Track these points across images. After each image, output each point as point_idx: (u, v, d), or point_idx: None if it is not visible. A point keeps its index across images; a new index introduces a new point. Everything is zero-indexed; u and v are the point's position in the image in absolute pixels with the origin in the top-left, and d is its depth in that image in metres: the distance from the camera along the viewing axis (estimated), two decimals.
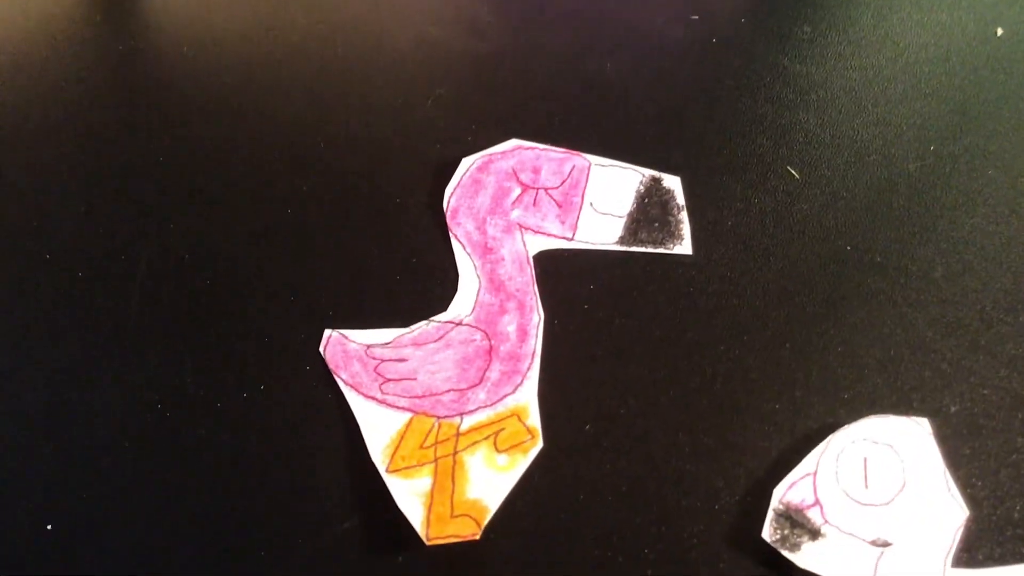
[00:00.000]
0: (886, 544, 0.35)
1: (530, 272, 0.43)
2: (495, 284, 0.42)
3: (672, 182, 0.46)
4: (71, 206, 0.45)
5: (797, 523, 0.35)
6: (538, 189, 0.45)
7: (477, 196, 0.45)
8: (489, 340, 0.40)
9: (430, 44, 0.53)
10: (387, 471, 0.36)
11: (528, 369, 0.40)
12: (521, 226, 0.44)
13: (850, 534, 0.35)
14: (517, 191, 0.45)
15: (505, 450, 0.37)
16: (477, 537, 0.35)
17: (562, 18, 0.55)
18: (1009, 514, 0.36)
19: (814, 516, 0.35)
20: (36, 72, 0.51)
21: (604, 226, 0.44)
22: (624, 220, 0.44)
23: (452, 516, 0.35)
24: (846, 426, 0.38)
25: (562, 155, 0.46)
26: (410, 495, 0.36)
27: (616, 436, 0.38)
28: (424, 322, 0.41)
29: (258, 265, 0.43)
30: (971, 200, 0.46)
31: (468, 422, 0.38)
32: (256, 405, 0.39)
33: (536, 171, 0.46)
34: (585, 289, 0.43)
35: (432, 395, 0.39)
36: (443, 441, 0.37)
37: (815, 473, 0.36)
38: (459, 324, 0.41)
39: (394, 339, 0.41)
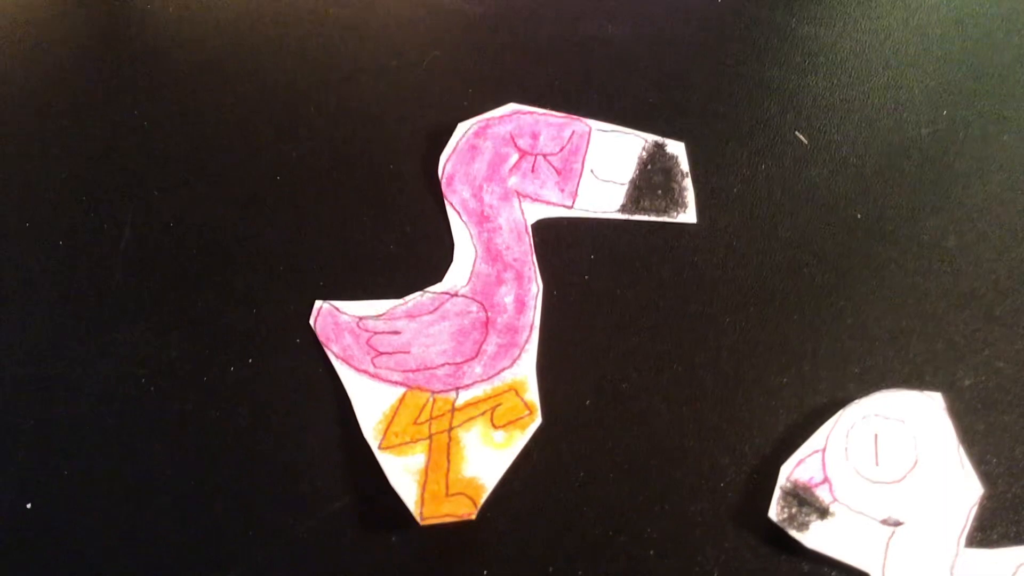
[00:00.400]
0: (897, 523, 0.34)
1: (528, 241, 0.42)
2: (492, 254, 0.41)
3: (676, 148, 0.45)
4: (53, 173, 0.44)
5: (805, 501, 0.35)
6: (537, 155, 0.44)
7: (473, 163, 0.44)
8: (486, 312, 0.39)
9: (425, 6, 0.52)
10: (380, 448, 0.36)
11: (526, 342, 0.39)
12: (519, 194, 0.43)
13: (860, 513, 0.34)
14: (515, 157, 0.44)
15: (502, 426, 0.36)
16: (473, 517, 0.34)
17: None
18: None
19: (823, 494, 0.35)
20: (19, 34, 0.50)
21: (605, 194, 0.43)
22: (626, 187, 0.43)
23: (447, 495, 0.34)
24: (856, 401, 0.37)
25: (562, 120, 0.45)
26: (404, 473, 0.35)
27: (617, 411, 0.37)
28: (418, 293, 0.40)
29: (246, 234, 0.42)
30: (985, 167, 0.45)
31: (464, 397, 0.37)
32: (244, 379, 0.38)
33: (535, 136, 0.44)
34: (585, 259, 0.42)
35: (426, 369, 0.38)
36: (438, 417, 0.37)
37: (824, 450, 0.36)
38: (455, 295, 0.40)
39: (387, 311, 0.40)
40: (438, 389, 0.37)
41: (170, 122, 0.46)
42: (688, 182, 0.44)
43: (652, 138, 0.45)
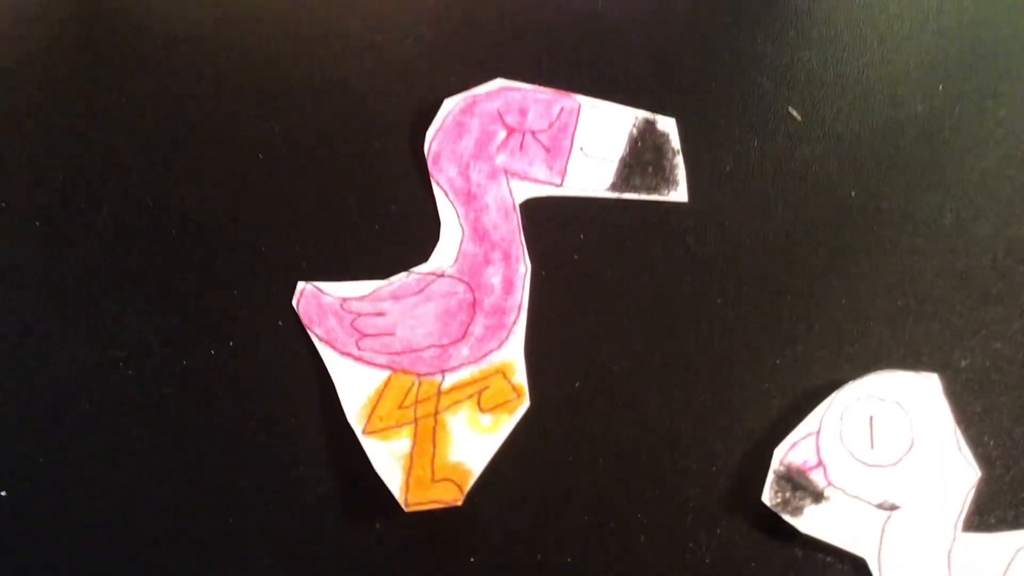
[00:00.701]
0: (893, 507, 0.34)
1: (516, 220, 0.41)
2: (479, 233, 0.41)
3: (667, 124, 0.44)
4: (28, 151, 0.44)
5: (799, 485, 0.35)
6: (525, 132, 0.44)
7: (460, 140, 0.43)
8: (472, 292, 0.39)
9: None
10: (364, 433, 0.36)
11: (514, 323, 0.39)
12: (507, 172, 0.43)
13: (855, 497, 0.35)
14: (503, 134, 0.44)
15: (489, 410, 0.37)
16: (459, 503, 0.34)
17: None
18: (1023, 475, 0.36)
19: (817, 478, 0.35)
20: None
21: (595, 171, 0.43)
22: (616, 165, 0.43)
23: (433, 481, 0.35)
24: (851, 382, 0.37)
25: (550, 96, 0.45)
26: (388, 458, 0.35)
27: (607, 395, 0.38)
28: (404, 273, 0.40)
29: (227, 213, 0.42)
30: (981, 143, 0.45)
31: (450, 380, 0.37)
32: (225, 363, 0.38)
33: (523, 113, 0.44)
34: (574, 238, 0.41)
35: (412, 351, 0.38)
36: (423, 400, 0.37)
37: (818, 432, 0.36)
38: (441, 276, 0.40)
39: (372, 292, 0.40)
40: (424, 372, 0.37)
41: (149, 98, 0.46)
42: (679, 159, 0.43)
43: (643, 115, 0.44)
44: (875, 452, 0.35)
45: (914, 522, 0.34)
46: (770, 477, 0.35)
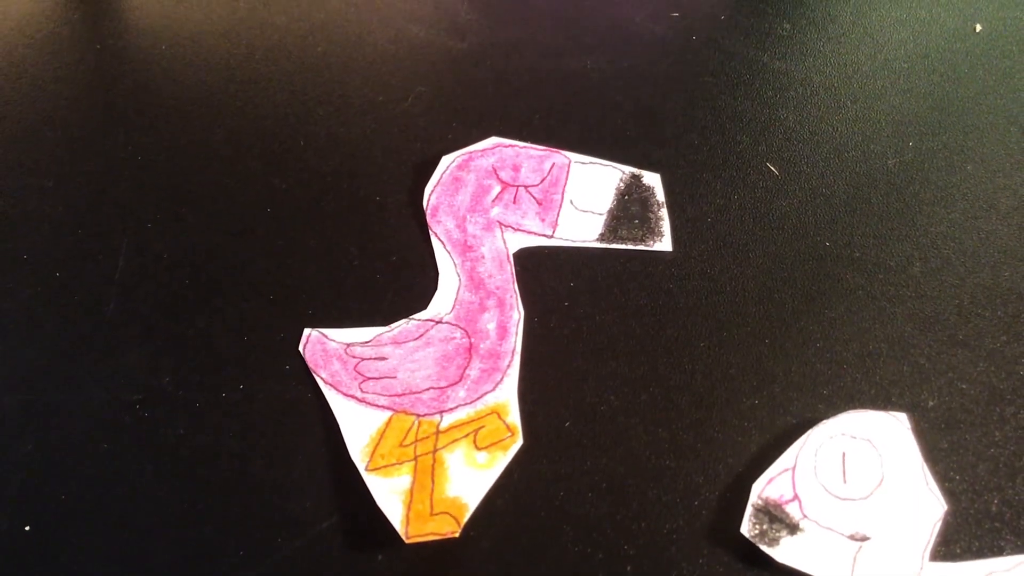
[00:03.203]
0: (864, 538, 0.35)
1: (510, 270, 0.43)
2: (475, 282, 0.42)
3: (652, 179, 0.46)
4: (48, 206, 0.45)
5: (776, 518, 0.35)
6: (518, 187, 0.45)
7: (457, 194, 0.45)
8: (469, 338, 0.40)
9: (410, 42, 0.53)
10: (366, 470, 0.36)
11: (508, 366, 0.39)
12: (501, 224, 0.44)
13: (828, 528, 0.35)
14: (497, 189, 0.45)
15: (485, 448, 0.37)
16: (456, 535, 0.34)
17: (542, 15, 0.55)
18: (987, 507, 0.37)
19: (793, 511, 0.35)
20: (13, 71, 0.51)
21: (584, 223, 0.44)
22: (604, 217, 0.44)
23: (431, 514, 0.35)
24: (824, 421, 0.38)
25: (542, 152, 0.46)
26: (389, 493, 0.35)
27: (596, 433, 0.38)
28: (404, 320, 0.41)
29: (237, 264, 0.43)
30: (949, 195, 0.46)
31: (448, 420, 0.38)
32: (235, 404, 0.39)
33: (516, 168, 0.46)
34: (565, 286, 0.43)
35: (412, 393, 0.39)
36: (423, 439, 0.37)
37: (794, 468, 0.36)
38: (439, 322, 0.41)
39: (374, 337, 0.40)
40: (423, 412, 0.38)
41: (162, 156, 0.47)
42: (664, 212, 0.45)
43: (629, 170, 0.46)
44: (847, 487, 0.36)
45: (884, 552, 0.34)
46: (749, 510, 0.35)
